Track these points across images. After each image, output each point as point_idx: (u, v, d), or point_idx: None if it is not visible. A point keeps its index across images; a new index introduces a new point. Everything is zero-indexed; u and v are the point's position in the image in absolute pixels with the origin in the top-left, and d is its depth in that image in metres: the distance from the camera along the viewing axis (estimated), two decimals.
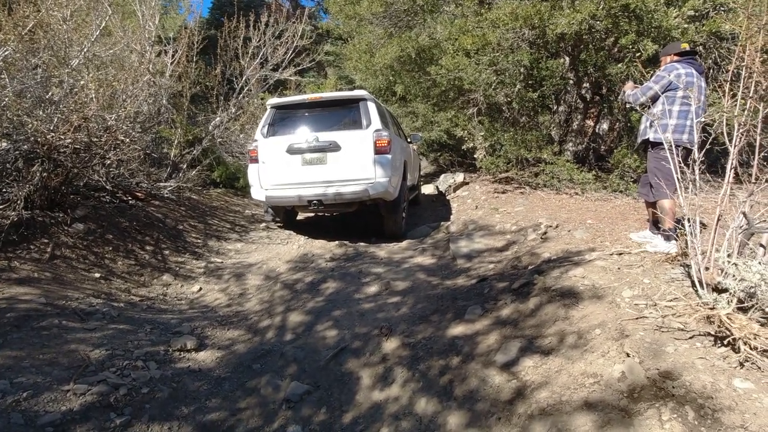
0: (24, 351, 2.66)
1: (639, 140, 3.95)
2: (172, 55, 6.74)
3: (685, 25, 5.55)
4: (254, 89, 8.00)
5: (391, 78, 9.65)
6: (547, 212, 5.87)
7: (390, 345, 3.11)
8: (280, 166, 5.38)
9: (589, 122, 9.97)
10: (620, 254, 3.63)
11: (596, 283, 2.92)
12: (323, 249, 5.50)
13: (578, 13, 5.48)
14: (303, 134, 5.43)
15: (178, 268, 4.80)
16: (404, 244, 5.76)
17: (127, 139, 4.67)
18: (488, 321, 3.00)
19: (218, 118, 7.29)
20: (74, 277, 3.90)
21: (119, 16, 5.52)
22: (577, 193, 7.56)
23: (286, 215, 6.25)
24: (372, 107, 5.60)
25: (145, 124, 5.52)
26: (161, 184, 6.35)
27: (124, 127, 4.75)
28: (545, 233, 4.73)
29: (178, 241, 5.21)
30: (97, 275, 4.09)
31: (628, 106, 4.31)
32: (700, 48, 5.94)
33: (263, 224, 6.28)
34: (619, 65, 7.61)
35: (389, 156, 5.39)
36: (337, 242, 5.67)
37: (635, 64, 7.46)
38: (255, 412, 2.73)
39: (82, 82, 4.26)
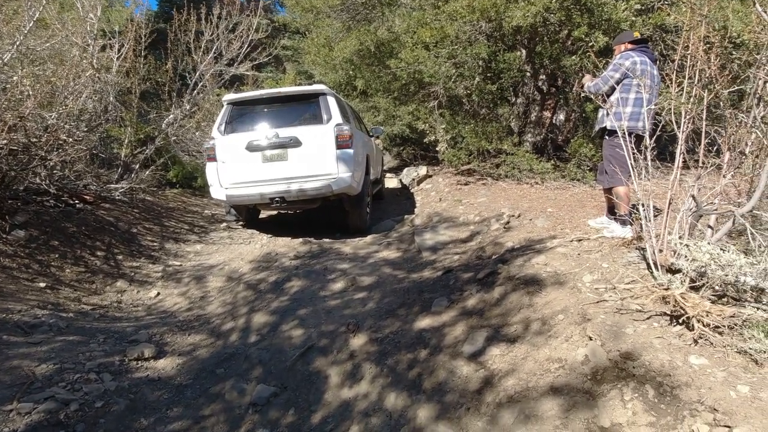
0: None
1: (597, 128, 4.06)
2: (119, 50, 6.39)
3: (633, 18, 5.76)
4: (209, 85, 7.71)
5: (351, 72, 9.55)
6: (509, 202, 5.98)
7: (357, 341, 3.06)
8: (240, 164, 5.23)
9: (546, 113, 10.22)
10: (580, 240, 3.73)
11: (558, 269, 2.98)
12: (287, 247, 5.38)
13: (532, 5, 5.57)
14: (262, 131, 5.29)
15: (133, 274, 4.57)
16: (369, 238, 5.72)
17: (71, 139, 4.39)
18: (454, 312, 3.00)
19: (171, 116, 6.98)
20: (16, 287, 3.63)
21: (56, 7, 5.15)
22: (537, 183, 7.75)
23: (248, 214, 6.09)
24: (332, 101, 5.51)
25: (91, 123, 5.20)
26: (112, 186, 6.02)
27: (66, 127, 4.45)
28: (508, 223, 4.81)
29: (132, 245, 4.96)
30: (42, 285, 3.83)
31: (586, 95, 4.38)
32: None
33: (224, 224, 6.08)
34: (573, 57, 7.84)
35: (351, 150, 5.34)
36: (301, 239, 5.56)
37: (588, 55, 7.72)
38: (220, 418, 2.63)
39: (15, 78, 3.95)
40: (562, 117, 11.23)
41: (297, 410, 2.62)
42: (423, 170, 10.20)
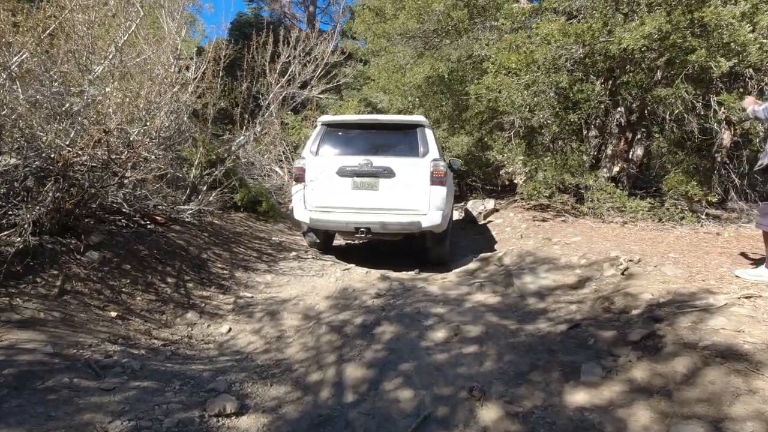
0: (24, 426, 2.01)
1: (761, 162, 3.39)
2: (195, 71, 6.26)
3: (764, 40, 5.07)
4: (277, 108, 7.53)
5: (418, 99, 9.23)
6: (611, 243, 5.27)
7: (488, 414, 2.44)
8: (329, 188, 5.08)
9: (623, 147, 9.46)
10: (749, 297, 3.00)
11: (762, 338, 2.28)
12: (364, 282, 4.87)
13: (646, 25, 5.01)
14: (355, 156, 5.13)
15: (203, 304, 4.16)
16: (453, 277, 5.13)
17: (152, 156, 4.12)
18: (618, 386, 2.34)
19: (242, 137, 6.77)
20: (87, 317, 3.26)
21: (147, 23, 5.05)
22: (626, 222, 6.98)
23: (325, 238, 5.83)
24: (429, 134, 5.31)
25: (169, 141, 4.97)
26: (180, 207, 5.77)
27: (148, 143, 4.19)
28: (627, 269, 4.11)
29: (202, 272, 4.58)
30: (113, 314, 3.45)
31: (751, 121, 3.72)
32: None
33: (293, 254, 5.67)
34: (666, 89, 7.16)
35: (445, 188, 5.12)
36: (378, 275, 5.05)
37: (684, 86, 7.02)
38: None
39: (106, 90, 3.72)
40: (639, 152, 10.42)
41: None
42: (490, 204, 9.60)
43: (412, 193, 5.03)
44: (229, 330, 3.93)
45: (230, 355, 3.51)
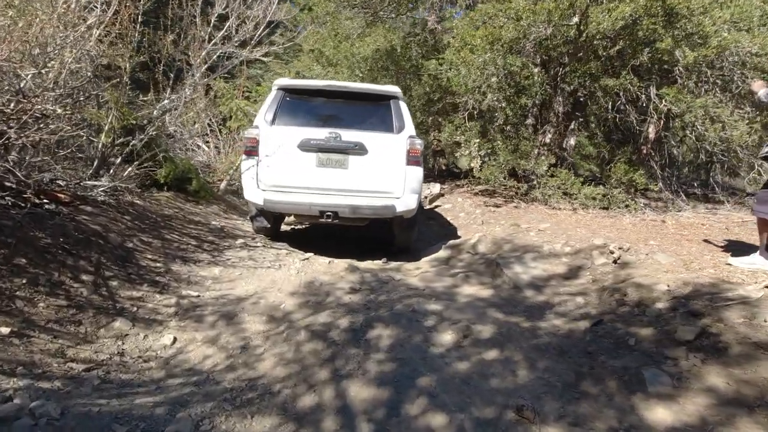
0: None
1: (765, 151, 3.31)
2: (103, 10, 4.97)
3: (725, 34, 5.21)
4: (205, 71, 6.38)
5: (365, 74, 8.53)
6: (583, 230, 5.16)
7: None
8: (288, 164, 4.37)
9: (557, 136, 9.66)
10: None
11: None
12: (331, 275, 4.19)
13: (625, 7, 4.87)
14: (320, 128, 4.46)
15: (135, 308, 3.20)
16: (428, 267, 4.65)
17: (51, 112, 3.02)
18: (702, 398, 2.01)
19: (167, 101, 5.60)
20: None
21: None
22: (575, 209, 7.05)
23: (275, 223, 5.00)
24: (404, 108, 4.77)
25: (74, 95, 3.78)
26: (88, 183, 4.56)
27: (45, 95, 3.08)
28: (619, 257, 3.93)
29: (128, 266, 3.56)
30: (5, 330, 2.42)
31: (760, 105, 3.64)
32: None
33: (239, 241, 4.76)
34: (612, 79, 7.32)
35: (421, 169, 4.65)
36: (345, 265, 4.39)
37: (630, 78, 7.22)
38: None
39: None
40: (572, 142, 10.76)
41: None
42: (436, 188, 9.28)
43: (385, 173, 4.49)
44: (174, 341, 3.04)
45: (183, 376, 2.66)
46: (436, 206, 8.57)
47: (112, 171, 5.20)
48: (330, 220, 4.36)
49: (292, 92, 4.68)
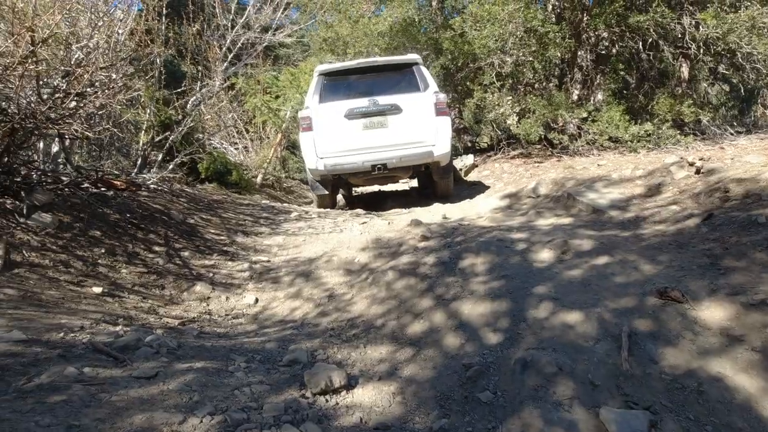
0: None
1: None
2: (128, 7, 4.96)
3: None
4: (225, 61, 6.32)
5: (385, 53, 8.40)
6: (643, 160, 4.87)
7: (713, 314, 1.76)
8: (339, 132, 5.01)
9: (581, 93, 9.33)
10: None
11: None
12: (395, 232, 4.01)
13: None
14: (360, 98, 5.10)
15: (210, 274, 3.09)
16: (492, 214, 4.43)
17: (112, 76, 2.96)
18: None
19: (198, 94, 5.56)
20: (59, 294, 2.13)
21: None
22: (622, 153, 6.73)
23: (332, 191, 5.62)
24: (425, 71, 5.48)
25: (127, 65, 3.72)
26: (138, 175, 4.52)
27: (98, 62, 3.02)
28: (701, 168, 3.66)
29: (195, 239, 3.47)
30: (97, 290, 2.32)
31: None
32: None
33: (294, 214, 4.64)
34: (641, 15, 7.05)
35: (449, 118, 5.32)
36: (406, 222, 4.21)
37: (661, 9, 6.91)
38: None
39: None
40: (600, 96, 10.41)
41: None
42: (469, 159, 9.07)
43: (420, 125, 5.08)
44: (257, 300, 2.92)
45: (277, 326, 2.53)
46: (474, 176, 8.37)
47: (155, 168, 5.17)
48: (381, 171, 5.04)
49: (330, 75, 5.33)
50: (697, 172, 3.67)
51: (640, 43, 7.83)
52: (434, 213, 5.18)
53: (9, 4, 2.34)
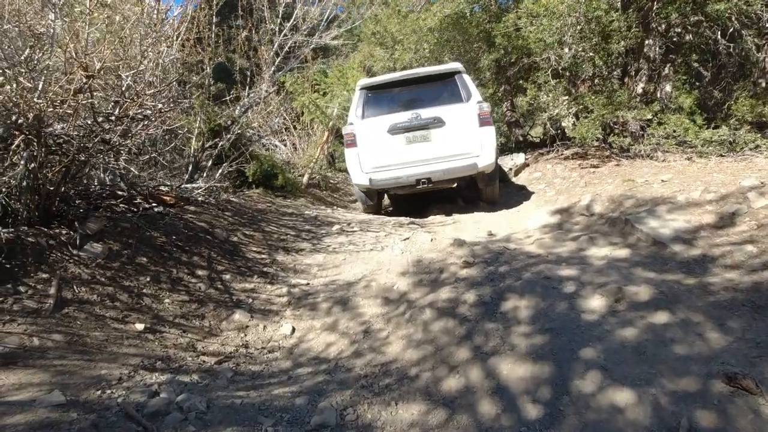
0: None
1: None
2: (180, 15, 5.03)
3: None
4: (276, 64, 6.33)
5: (432, 49, 8.13)
6: (716, 176, 4.40)
7: None
8: (382, 147, 5.10)
9: (647, 85, 8.57)
10: None
11: None
12: (437, 251, 3.89)
13: None
14: (402, 112, 5.13)
15: (250, 300, 3.13)
16: (540, 233, 4.19)
17: (160, 105, 3.01)
18: None
19: (246, 99, 5.62)
20: (104, 334, 2.21)
21: None
22: (690, 158, 6.14)
23: (378, 201, 5.78)
24: (468, 79, 5.42)
25: (172, 92, 3.82)
26: (185, 186, 4.66)
27: (146, 91, 3.07)
28: None
29: (237, 259, 3.53)
30: (140, 327, 2.40)
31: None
32: None
33: (335, 227, 4.62)
34: (722, 3, 6.33)
35: (492, 128, 5.24)
36: (450, 241, 4.07)
37: None
38: None
39: (79, 9, 2.58)
40: (668, 88, 9.57)
41: None
42: (520, 158, 8.68)
43: (463, 137, 5.09)
44: (293, 330, 2.93)
45: (311, 365, 2.52)
46: (523, 177, 8.01)
47: (205, 174, 5.32)
48: (426, 185, 5.07)
49: (372, 89, 5.39)
50: None
51: (719, 32, 7.05)
52: (479, 224, 5.01)
53: (62, 48, 2.40)
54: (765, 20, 6.26)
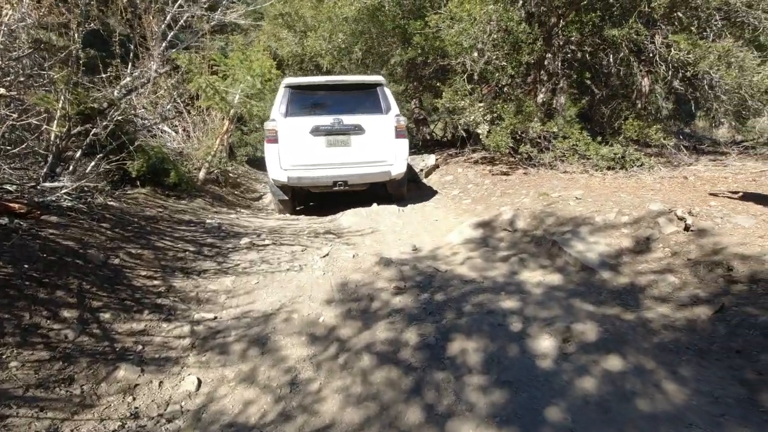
0: None
1: None
2: None
3: None
4: (164, 43, 5.37)
5: (346, 40, 7.65)
6: (622, 195, 4.68)
7: None
8: (304, 147, 5.26)
9: (546, 97, 9.16)
10: None
11: None
12: (361, 272, 3.54)
13: None
14: (325, 116, 5.35)
15: (139, 346, 2.46)
16: (466, 251, 4.05)
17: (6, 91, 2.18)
18: None
19: (128, 78, 4.66)
20: None
21: None
22: (586, 171, 6.62)
23: (292, 196, 5.72)
24: (388, 92, 5.74)
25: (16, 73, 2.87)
26: (46, 185, 3.67)
27: None
28: (691, 224, 3.47)
29: (120, 289, 2.78)
30: None
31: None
32: None
33: (244, 240, 3.99)
34: (617, 29, 6.90)
35: (406, 140, 5.64)
36: (374, 259, 3.73)
37: (636, 26, 6.75)
38: None
39: None
40: (562, 100, 10.33)
41: None
42: (431, 159, 8.69)
43: (380, 146, 5.45)
44: (199, 385, 2.35)
45: None
46: (437, 180, 8.00)
47: (71, 167, 4.28)
48: (342, 187, 5.31)
49: (297, 88, 5.50)
50: (686, 228, 3.48)
51: (611, 55, 7.69)
52: (399, 234, 4.73)
53: None
54: (649, 51, 6.90)
